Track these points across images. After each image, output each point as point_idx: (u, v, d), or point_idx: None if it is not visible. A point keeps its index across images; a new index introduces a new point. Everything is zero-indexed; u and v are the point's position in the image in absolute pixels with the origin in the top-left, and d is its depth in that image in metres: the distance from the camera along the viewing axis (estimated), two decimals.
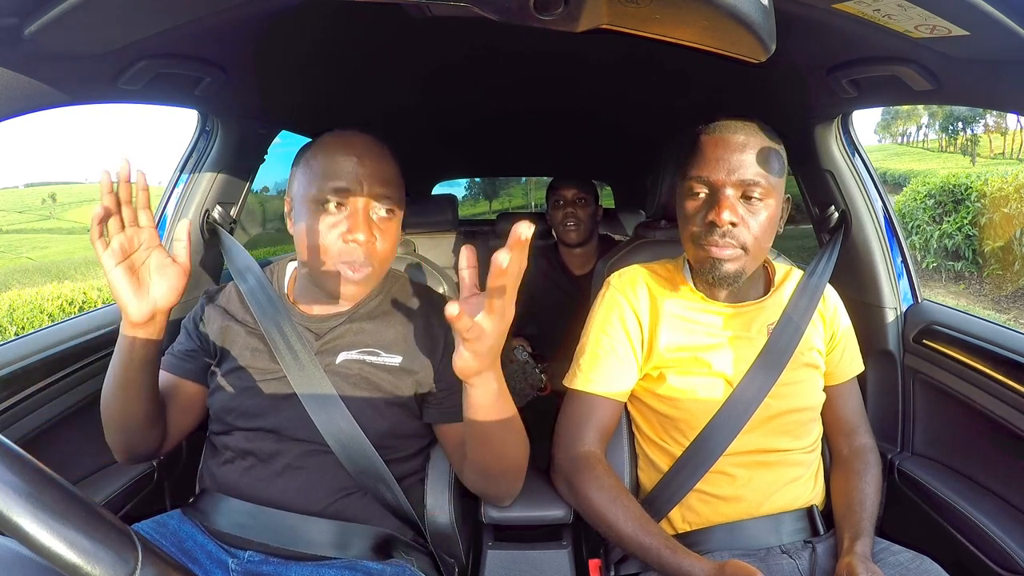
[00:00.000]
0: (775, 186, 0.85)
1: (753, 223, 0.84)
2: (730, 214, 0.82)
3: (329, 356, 0.84)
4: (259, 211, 4.56)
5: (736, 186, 0.84)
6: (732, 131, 0.85)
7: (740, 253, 0.85)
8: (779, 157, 0.86)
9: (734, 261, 0.85)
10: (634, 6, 0.53)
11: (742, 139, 0.84)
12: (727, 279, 0.86)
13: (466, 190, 18.12)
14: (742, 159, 0.83)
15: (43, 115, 0.94)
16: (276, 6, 0.77)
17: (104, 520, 0.36)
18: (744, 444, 0.87)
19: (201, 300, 0.94)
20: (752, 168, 0.83)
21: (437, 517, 0.91)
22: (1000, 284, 6.95)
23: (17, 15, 0.56)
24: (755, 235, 0.84)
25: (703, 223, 0.85)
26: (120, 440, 0.82)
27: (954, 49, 0.68)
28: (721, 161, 0.84)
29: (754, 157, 0.84)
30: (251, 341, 0.86)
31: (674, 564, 0.76)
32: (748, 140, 0.84)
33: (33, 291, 7.20)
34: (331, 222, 0.80)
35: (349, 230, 0.79)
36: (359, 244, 0.79)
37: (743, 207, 0.84)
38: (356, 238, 0.78)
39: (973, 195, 7.23)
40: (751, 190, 0.83)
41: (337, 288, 0.82)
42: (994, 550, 0.87)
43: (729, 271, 0.85)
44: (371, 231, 0.80)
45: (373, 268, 0.82)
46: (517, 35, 0.77)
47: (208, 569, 0.75)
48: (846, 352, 0.99)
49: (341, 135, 0.84)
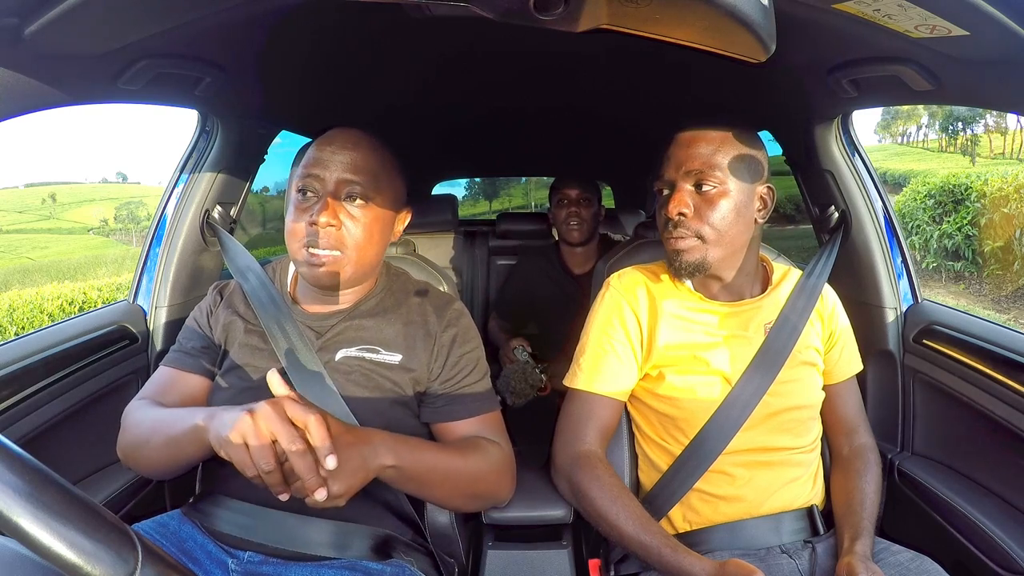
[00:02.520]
0: (733, 175, 0.87)
1: (709, 212, 0.86)
2: (677, 206, 0.86)
3: (329, 353, 0.84)
4: (259, 211, 4.56)
5: (686, 178, 0.87)
6: (686, 129, 0.90)
7: (696, 243, 0.87)
8: (745, 140, 0.88)
9: (692, 252, 0.88)
10: (634, 6, 0.53)
11: (691, 134, 0.88)
12: (687, 268, 0.89)
13: (466, 190, 18.12)
14: (689, 152, 0.87)
15: (43, 115, 0.94)
16: (276, 6, 0.77)
17: (104, 520, 0.36)
18: (743, 443, 0.87)
19: (211, 293, 0.93)
20: (700, 158, 0.86)
21: (437, 517, 0.91)
22: (1000, 284, 6.95)
23: (17, 15, 0.57)
24: (711, 223, 0.86)
25: (663, 220, 0.90)
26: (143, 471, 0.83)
27: (954, 49, 0.68)
28: (672, 159, 0.89)
29: (703, 148, 0.87)
30: (252, 339, 0.86)
31: (675, 563, 0.76)
32: (698, 134, 0.88)
33: (33, 291, 7.21)
34: (302, 208, 0.81)
35: (313, 214, 0.79)
36: (320, 227, 0.79)
37: (695, 198, 0.87)
38: (318, 220, 0.78)
39: (973, 195, 7.23)
40: (702, 179, 0.86)
41: (309, 273, 0.82)
42: (994, 550, 0.87)
43: (688, 261, 0.88)
44: (335, 215, 0.80)
45: (344, 254, 0.81)
46: (517, 35, 0.77)
47: (208, 569, 0.75)
48: (844, 351, 0.99)
49: (330, 131, 0.85)
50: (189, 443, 0.71)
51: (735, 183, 0.87)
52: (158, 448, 0.76)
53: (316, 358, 0.83)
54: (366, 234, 0.83)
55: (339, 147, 0.82)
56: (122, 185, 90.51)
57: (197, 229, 1.22)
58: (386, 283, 0.93)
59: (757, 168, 0.89)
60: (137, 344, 1.15)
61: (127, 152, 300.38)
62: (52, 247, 43.62)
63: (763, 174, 0.90)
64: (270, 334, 0.84)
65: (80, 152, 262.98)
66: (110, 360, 1.08)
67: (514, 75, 1.38)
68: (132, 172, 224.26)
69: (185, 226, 1.21)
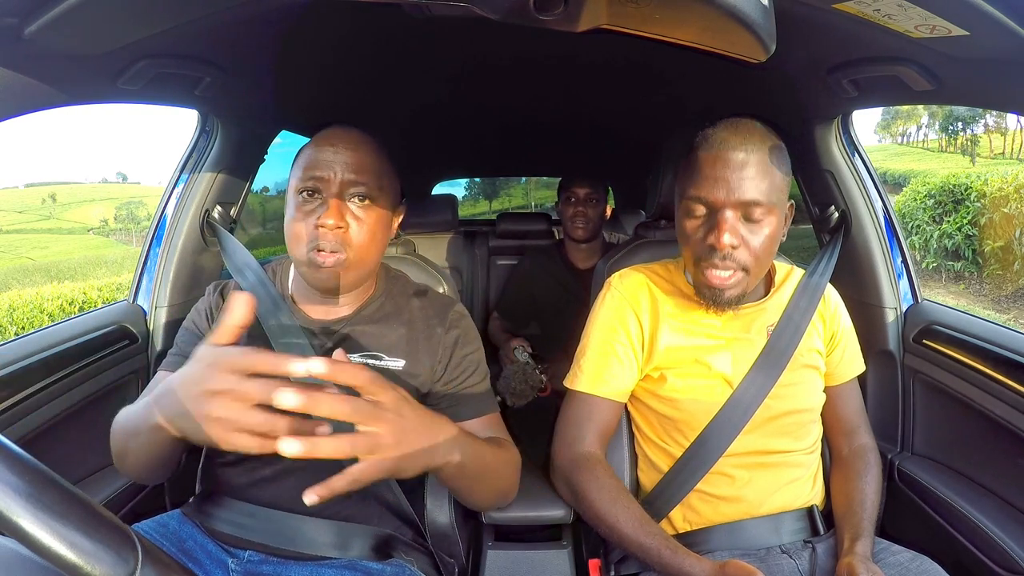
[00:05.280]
0: (777, 201, 0.82)
1: (754, 242, 0.81)
2: (731, 237, 0.79)
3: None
4: (259, 211, 4.56)
5: (736, 207, 0.80)
6: (731, 148, 0.80)
7: (741, 276, 0.83)
8: (781, 162, 0.83)
9: (735, 287, 0.83)
10: (634, 6, 0.53)
11: (742, 157, 0.80)
12: (728, 304, 0.85)
13: (466, 190, 18.14)
14: (742, 178, 0.79)
15: (43, 115, 0.94)
16: (276, 6, 0.77)
17: (104, 520, 0.36)
18: (744, 445, 0.87)
19: (210, 293, 0.90)
20: (753, 188, 0.79)
21: (437, 517, 0.91)
22: (1000, 284, 6.95)
23: (17, 15, 0.57)
24: (756, 255, 0.82)
25: (703, 245, 0.82)
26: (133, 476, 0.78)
27: (954, 49, 0.68)
28: (720, 181, 0.80)
29: (754, 174, 0.79)
30: (254, 345, 0.84)
31: (674, 564, 0.76)
32: (748, 157, 0.80)
33: (33, 291, 7.20)
34: (306, 210, 0.80)
35: (320, 216, 0.78)
36: (328, 229, 0.78)
37: (744, 227, 0.81)
38: (325, 223, 0.77)
39: (973, 195, 7.23)
40: (752, 211, 0.80)
41: (315, 276, 0.81)
42: (994, 550, 0.87)
43: (731, 297, 0.84)
44: (342, 217, 0.79)
45: (348, 255, 0.80)
46: (517, 37, 0.77)
47: (208, 569, 0.75)
48: (846, 352, 0.98)
49: (328, 130, 0.85)
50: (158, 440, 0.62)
51: (778, 210, 0.82)
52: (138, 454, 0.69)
53: None
54: (369, 234, 0.82)
55: (342, 147, 0.81)
56: (122, 185, 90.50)
57: (197, 229, 1.22)
58: (386, 287, 0.93)
59: (788, 189, 0.86)
60: (137, 344, 1.15)
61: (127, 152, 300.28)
62: (52, 247, 43.64)
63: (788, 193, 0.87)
64: (270, 334, 0.84)
65: (80, 152, 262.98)
66: (110, 360, 1.08)
67: (514, 77, 1.38)
68: (132, 172, 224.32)
69: (185, 226, 1.21)
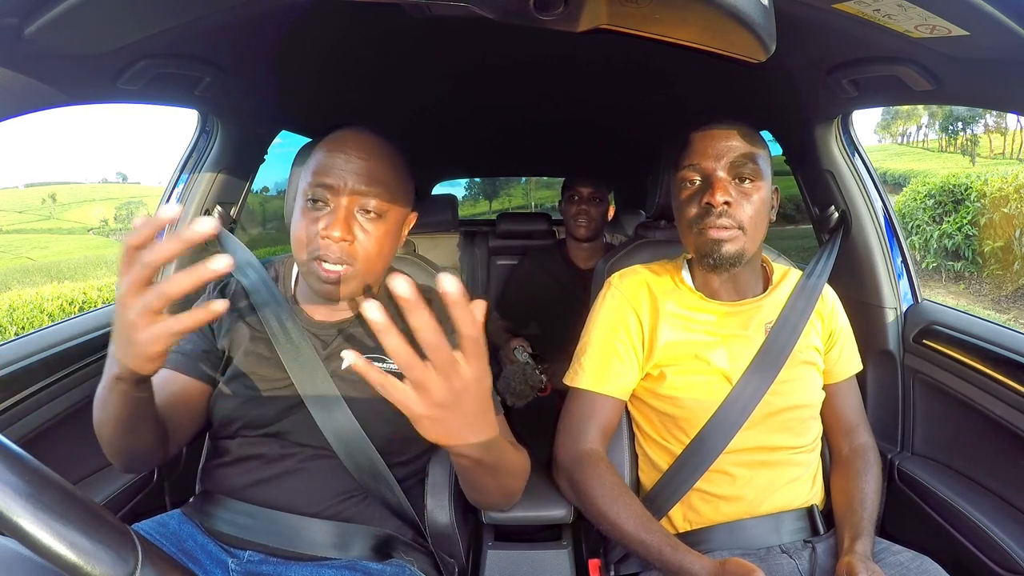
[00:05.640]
0: (764, 172, 0.89)
1: (747, 204, 0.87)
2: (723, 194, 0.86)
3: (334, 362, 0.83)
4: (259, 211, 4.56)
5: (727, 168, 0.88)
6: (720, 124, 0.91)
7: (738, 233, 0.87)
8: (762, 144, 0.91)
9: (733, 242, 0.87)
10: (634, 6, 0.53)
11: (726, 129, 0.90)
12: (728, 260, 0.87)
13: (466, 190, 18.16)
14: (730, 144, 0.88)
15: (43, 115, 0.94)
16: (276, 6, 0.77)
17: (104, 520, 0.36)
18: (744, 442, 0.88)
19: (211, 291, 0.89)
20: (741, 150, 0.88)
21: (437, 517, 0.91)
22: (1000, 284, 6.95)
23: (17, 15, 0.57)
24: (750, 215, 0.87)
25: (699, 208, 0.88)
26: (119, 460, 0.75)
27: (954, 49, 0.68)
28: (711, 148, 0.89)
29: (741, 142, 0.89)
30: (258, 347, 0.83)
31: (675, 562, 0.76)
32: (733, 130, 0.90)
33: (33, 291, 7.20)
34: (313, 217, 0.78)
35: (326, 226, 0.76)
36: (333, 241, 0.76)
37: (736, 189, 0.88)
38: (331, 235, 0.75)
39: (973, 195, 7.23)
40: (743, 171, 0.87)
41: (316, 286, 0.79)
42: (994, 550, 0.87)
43: (730, 251, 0.87)
44: (349, 229, 0.77)
45: (354, 267, 0.78)
46: (517, 37, 0.77)
47: (208, 569, 0.75)
48: (844, 351, 0.99)
49: (341, 132, 0.82)
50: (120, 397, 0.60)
51: (764, 179, 0.89)
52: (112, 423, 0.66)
53: (321, 365, 0.81)
54: (377, 247, 0.80)
55: (354, 155, 0.78)
56: (122, 185, 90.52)
57: None
58: (389, 288, 0.92)
59: (770, 168, 0.92)
60: None
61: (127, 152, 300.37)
62: (52, 247, 43.63)
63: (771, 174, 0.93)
64: (271, 333, 0.83)
65: (80, 152, 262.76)
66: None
67: (515, 78, 1.38)
68: (132, 172, 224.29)
69: (185, 226, 1.21)
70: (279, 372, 0.82)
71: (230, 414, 0.81)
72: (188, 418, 0.82)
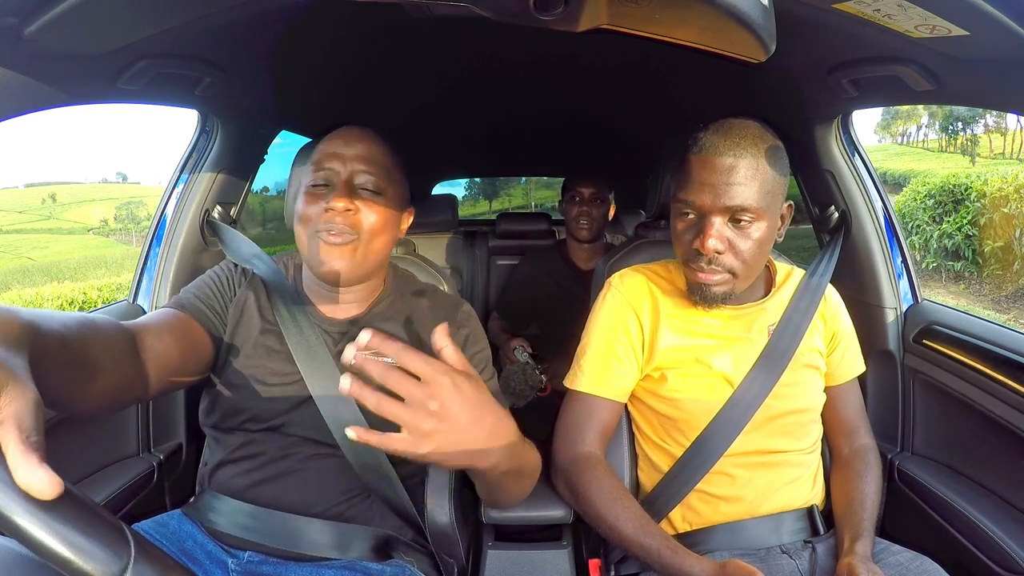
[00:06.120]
0: (768, 205, 0.81)
1: (742, 246, 0.82)
2: (716, 242, 0.81)
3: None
4: (259, 211, 4.56)
5: (723, 212, 0.81)
6: (719, 152, 0.80)
7: (728, 278, 0.84)
8: (776, 164, 0.82)
9: (721, 285, 0.85)
10: (634, 6, 0.53)
11: (730, 161, 0.79)
12: (715, 301, 0.86)
13: (466, 190, 18.17)
14: (729, 183, 0.79)
15: (43, 115, 0.94)
16: (276, 6, 0.77)
17: (97, 515, 0.36)
18: (744, 445, 0.87)
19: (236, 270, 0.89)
20: (740, 194, 0.79)
21: (437, 517, 0.91)
22: (1000, 284, 6.95)
23: (17, 15, 0.57)
24: (744, 259, 0.83)
25: (690, 249, 0.84)
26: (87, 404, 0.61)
27: (954, 49, 0.68)
28: (707, 186, 0.80)
29: (743, 179, 0.79)
30: (268, 340, 0.84)
31: (675, 564, 0.76)
32: (736, 162, 0.79)
33: (33, 291, 7.21)
34: (317, 196, 0.81)
35: (330, 201, 0.79)
36: (338, 211, 0.79)
37: (731, 231, 0.82)
38: (335, 205, 0.78)
39: (973, 195, 7.23)
40: (739, 215, 0.80)
41: (320, 260, 0.80)
42: (994, 550, 0.87)
43: (716, 294, 0.85)
44: (352, 201, 0.80)
45: (358, 238, 0.81)
46: (517, 37, 0.77)
47: (208, 569, 0.75)
48: (847, 352, 0.98)
49: (340, 128, 0.86)
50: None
51: (768, 214, 0.82)
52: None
53: (331, 360, 0.82)
54: (380, 222, 0.83)
55: (354, 140, 0.84)
56: (122, 185, 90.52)
57: (197, 229, 1.22)
58: (394, 285, 0.93)
59: (784, 190, 0.85)
60: None
61: (127, 152, 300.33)
62: (52, 247, 43.64)
63: (786, 193, 0.87)
64: (282, 323, 0.83)
65: (80, 152, 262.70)
66: None
67: (515, 78, 1.38)
68: (132, 172, 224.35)
69: (185, 226, 1.21)
70: (289, 366, 0.82)
71: (236, 405, 0.81)
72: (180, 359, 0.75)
